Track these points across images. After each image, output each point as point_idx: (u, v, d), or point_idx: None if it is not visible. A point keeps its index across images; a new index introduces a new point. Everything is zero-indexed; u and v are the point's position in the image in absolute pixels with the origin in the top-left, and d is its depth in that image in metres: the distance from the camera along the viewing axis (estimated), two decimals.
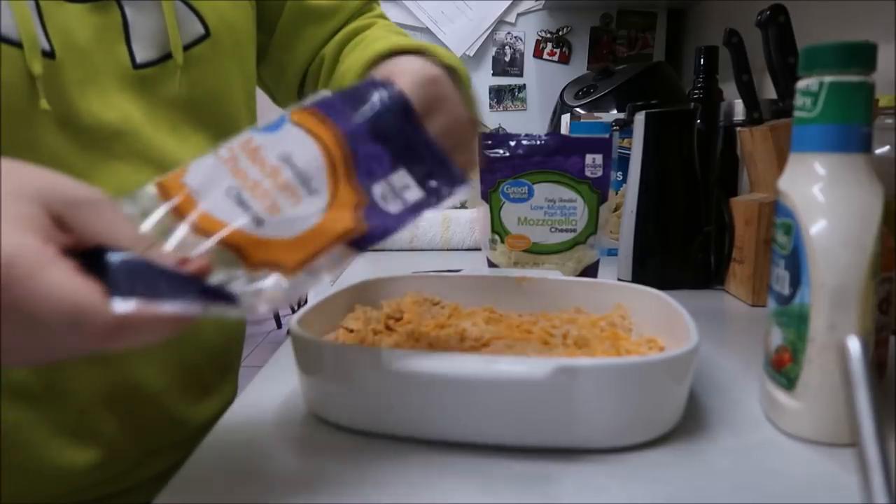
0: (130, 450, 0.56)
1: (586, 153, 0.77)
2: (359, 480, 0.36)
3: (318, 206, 0.34)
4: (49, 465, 0.51)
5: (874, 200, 0.39)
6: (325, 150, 0.35)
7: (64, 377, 0.51)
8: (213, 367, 0.63)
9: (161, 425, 0.58)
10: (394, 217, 0.35)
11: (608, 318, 0.54)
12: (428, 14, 1.67)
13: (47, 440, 0.51)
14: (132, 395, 0.54)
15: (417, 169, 0.36)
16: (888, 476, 0.28)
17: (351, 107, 0.38)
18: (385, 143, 0.36)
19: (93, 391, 0.52)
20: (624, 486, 0.36)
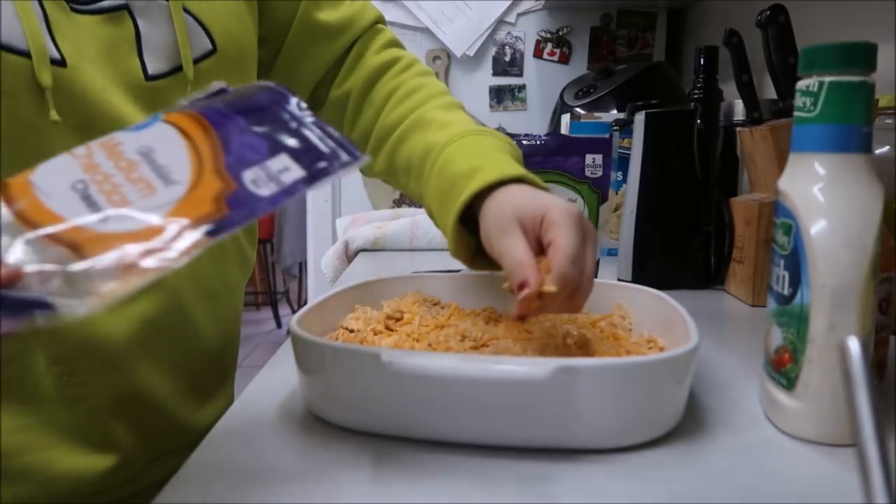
0: (138, 455, 0.56)
1: (586, 153, 0.77)
2: (359, 480, 0.36)
3: (173, 196, 0.32)
4: (58, 470, 0.51)
5: (874, 200, 0.39)
6: (192, 144, 0.35)
7: (75, 382, 0.51)
8: (214, 371, 0.63)
9: (167, 430, 0.58)
10: (265, 199, 0.33)
11: (608, 318, 0.54)
12: (428, 14, 1.67)
13: (56, 444, 0.51)
14: (140, 401, 0.55)
15: (303, 152, 0.36)
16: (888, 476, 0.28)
17: (229, 104, 0.37)
18: (264, 133, 0.36)
19: (102, 396, 0.52)
20: (624, 486, 0.36)
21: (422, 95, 0.66)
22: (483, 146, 0.57)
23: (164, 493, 0.35)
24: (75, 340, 0.50)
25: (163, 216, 0.31)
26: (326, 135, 0.36)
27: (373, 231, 1.16)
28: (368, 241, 1.16)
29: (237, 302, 0.66)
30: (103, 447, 0.53)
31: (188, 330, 0.58)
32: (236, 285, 0.64)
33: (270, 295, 4.12)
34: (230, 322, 0.64)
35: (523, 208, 0.49)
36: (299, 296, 4.14)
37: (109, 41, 0.51)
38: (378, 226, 1.18)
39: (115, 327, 0.52)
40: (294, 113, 0.37)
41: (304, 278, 3.93)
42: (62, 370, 0.50)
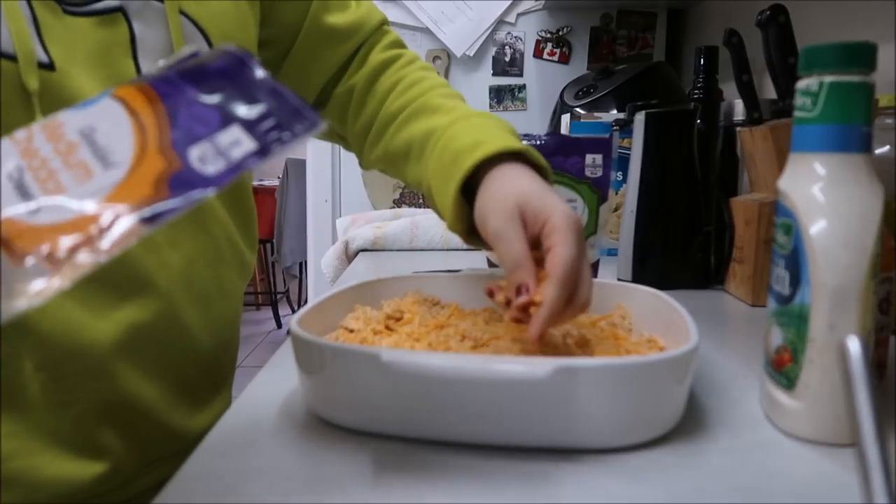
0: (129, 461, 0.55)
1: (586, 153, 0.77)
2: (359, 480, 0.36)
3: (111, 180, 0.30)
4: (45, 476, 0.50)
5: (874, 200, 0.39)
6: (138, 122, 0.32)
7: (61, 388, 0.51)
8: (209, 377, 0.62)
9: (159, 437, 0.57)
10: (211, 178, 0.31)
11: (608, 318, 0.54)
12: (428, 14, 1.67)
13: (43, 450, 0.50)
14: (129, 407, 0.54)
15: (257, 122, 0.33)
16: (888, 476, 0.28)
17: (183, 72, 0.35)
18: (217, 103, 0.33)
19: (89, 402, 0.52)
20: (624, 486, 0.36)
21: (423, 86, 0.67)
22: (485, 125, 0.58)
23: (164, 492, 0.35)
24: (60, 346, 0.50)
25: (98, 203, 0.29)
26: (284, 102, 0.34)
27: (373, 231, 1.16)
28: (368, 241, 1.16)
29: (234, 307, 0.64)
30: (92, 453, 0.53)
31: (180, 336, 0.57)
32: (233, 290, 0.63)
33: (270, 295, 4.13)
34: (227, 328, 0.63)
35: (528, 201, 0.48)
36: (299, 296, 4.15)
37: (103, 44, 0.50)
38: (378, 226, 1.18)
39: (101, 333, 0.51)
40: (252, 79, 0.35)
41: (304, 278, 3.93)
42: (48, 376, 0.50)
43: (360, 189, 1.44)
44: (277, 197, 3.77)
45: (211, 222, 0.59)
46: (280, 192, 3.73)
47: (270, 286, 4.12)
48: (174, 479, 0.37)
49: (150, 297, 0.54)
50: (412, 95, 0.66)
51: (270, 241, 3.91)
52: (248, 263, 0.66)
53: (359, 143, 0.72)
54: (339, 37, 0.69)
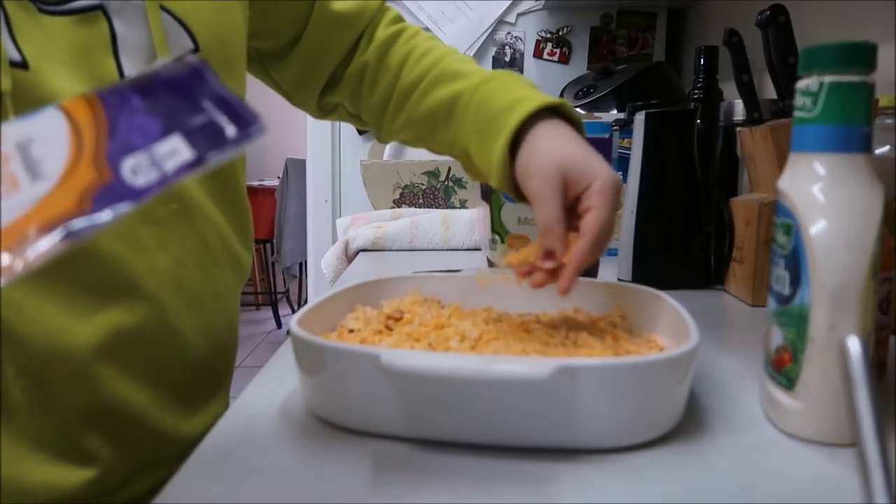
0: (118, 467, 0.55)
1: None
2: (359, 480, 0.36)
3: (36, 193, 0.29)
4: (30, 482, 0.50)
5: (874, 200, 0.39)
6: (77, 134, 0.31)
7: (43, 394, 0.50)
8: (201, 383, 0.62)
9: (149, 442, 0.56)
10: (139, 190, 0.30)
11: (608, 318, 0.54)
12: (428, 14, 1.67)
13: (28, 456, 0.50)
14: (115, 412, 0.53)
15: (200, 130, 0.33)
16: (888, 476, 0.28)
17: (135, 82, 0.34)
18: (162, 112, 0.33)
19: (73, 408, 0.51)
20: (624, 486, 0.36)
21: (436, 54, 0.69)
22: (515, 83, 0.60)
23: (165, 493, 0.35)
24: (42, 351, 0.49)
25: (14, 218, 0.28)
26: (230, 109, 0.33)
27: (373, 231, 1.16)
28: (368, 241, 1.16)
29: (229, 310, 0.63)
30: (79, 459, 0.52)
31: (170, 340, 0.56)
32: (228, 292, 0.62)
33: (270, 295, 4.12)
34: (222, 331, 0.62)
35: (572, 164, 0.51)
36: (299, 296, 4.15)
37: (82, 43, 0.49)
38: (378, 226, 1.18)
39: (83, 337, 0.50)
40: (203, 89, 0.34)
41: (304, 278, 3.93)
42: (30, 381, 0.49)
43: (360, 189, 1.44)
44: (277, 197, 3.77)
45: (201, 222, 0.58)
46: (280, 192, 3.73)
47: (270, 286, 4.12)
48: (174, 480, 0.37)
49: (138, 300, 0.53)
50: (428, 64, 0.68)
51: (270, 241, 3.92)
52: (243, 264, 0.65)
53: (376, 116, 0.73)
54: (346, 22, 0.71)
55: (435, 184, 1.40)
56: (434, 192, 1.40)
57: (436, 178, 1.40)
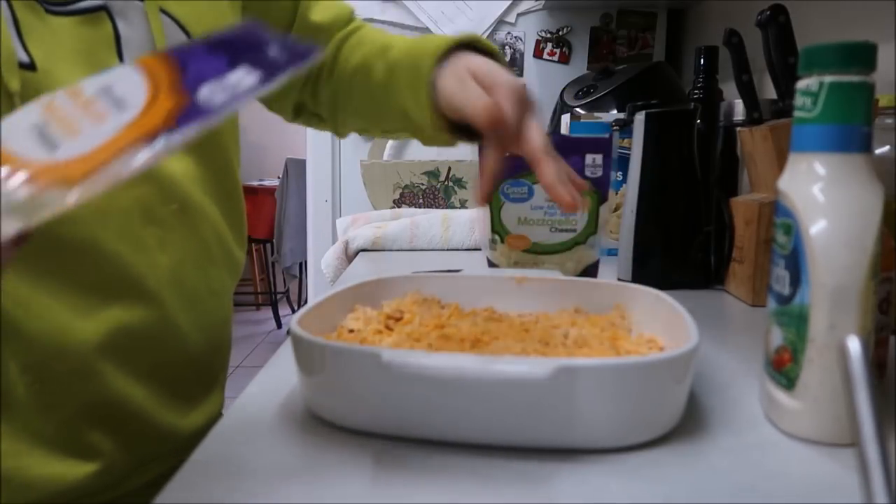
0: (119, 461, 0.55)
1: (586, 153, 0.77)
2: (359, 480, 0.36)
3: (123, 119, 0.33)
4: (33, 476, 0.50)
5: (874, 200, 0.39)
6: (151, 75, 0.35)
7: (46, 390, 0.50)
8: (199, 379, 0.63)
9: (149, 437, 0.57)
10: (217, 107, 0.34)
11: (608, 318, 0.54)
12: (428, 14, 1.67)
13: (30, 451, 0.50)
14: (116, 408, 0.54)
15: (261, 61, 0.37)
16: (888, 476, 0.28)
17: (193, 42, 0.39)
18: (225, 54, 0.37)
19: (76, 404, 0.52)
20: (624, 485, 0.36)
21: (377, 36, 0.74)
22: (441, 37, 0.64)
23: (164, 493, 0.35)
24: (45, 347, 0.49)
25: (110, 136, 0.32)
26: (287, 43, 0.38)
27: (373, 231, 1.16)
28: (368, 241, 1.16)
29: (225, 307, 0.65)
30: (81, 454, 0.52)
31: (170, 337, 0.57)
32: (223, 290, 0.63)
33: (270, 295, 4.12)
34: (218, 328, 0.63)
35: (477, 71, 0.58)
36: (299, 296, 4.14)
37: (88, 42, 0.50)
38: (378, 226, 1.18)
39: (86, 334, 0.51)
40: (260, 34, 0.39)
41: (304, 278, 3.92)
42: (33, 378, 0.50)
43: (360, 189, 1.44)
44: (277, 197, 3.77)
45: (201, 223, 0.59)
46: (280, 191, 3.73)
47: (270, 286, 4.12)
48: (174, 480, 0.37)
49: (139, 298, 0.54)
50: (367, 46, 0.71)
51: (270, 241, 3.91)
52: (237, 263, 0.66)
53: (331, 109, 0.77)
54: (323, 33, 0.74)
55: (435, 184, 1.40)
56: (434, 192, 1.40)
57: (436, 178, 1.40)
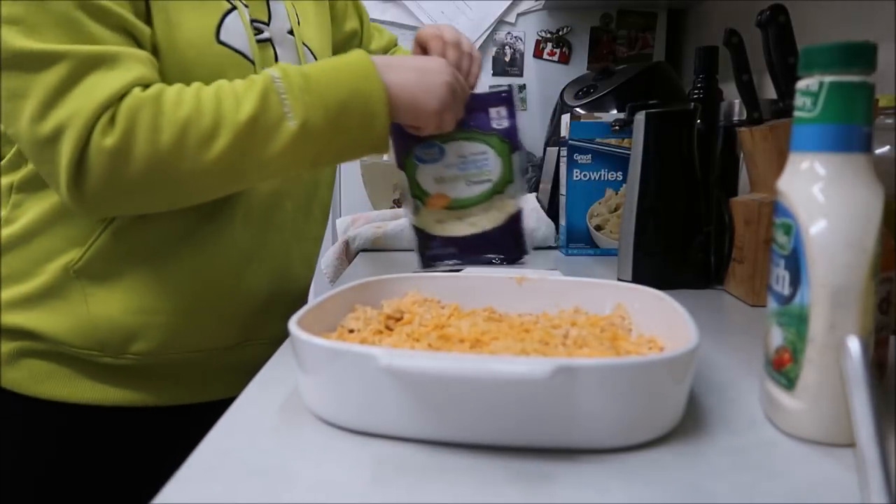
0: (231, 327, 0.76)
1: (489, 108, 0.79)
2: (359, 480, 0.36)
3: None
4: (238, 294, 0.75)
5: (874, 200, 0.39)
6: None
7: (258, 245, 0.76)
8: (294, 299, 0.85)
9: (255, 324, 0.78)
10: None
11: (608, 318, 0.54)
12: (428, 14, 1.67)
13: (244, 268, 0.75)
14: (287, 286, 0.81)
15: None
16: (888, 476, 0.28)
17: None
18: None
19: (275, 263, 0.79)
20: (624, 486, 0.36)
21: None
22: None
23: (164, 492, 0.35)
24: (262, 208, 0.75)
25: None
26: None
27: (373, 231, 1.16)
28: (368, 241, 1.16)
29: (317, 250, 0.91)
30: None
31: (286, 260, 0.81)
32: (318, 238, 0.90)
33: None
34: (312, 262, 0.90)
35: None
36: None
37: (261, 61, 0.72)
38: (378, 226, 1.18)
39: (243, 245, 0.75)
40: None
41: None
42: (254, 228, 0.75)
43: (360, 189, 1.44)
44: None
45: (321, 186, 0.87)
46: None
47: None
48: (174, 479, 0.37)
49: (273, 233, 0.79)
50: None
51: None
52: (327, 218, 0.92)
53: None
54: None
55: None
56: None
57: None
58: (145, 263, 0.69)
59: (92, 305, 0.68)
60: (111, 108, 0.59)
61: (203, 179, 0.63)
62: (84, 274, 0.68)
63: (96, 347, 0.69)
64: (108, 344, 0.69)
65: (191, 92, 0.62)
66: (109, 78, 0.59)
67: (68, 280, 0.68)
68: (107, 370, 0.70)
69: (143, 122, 0.59)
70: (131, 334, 0.69)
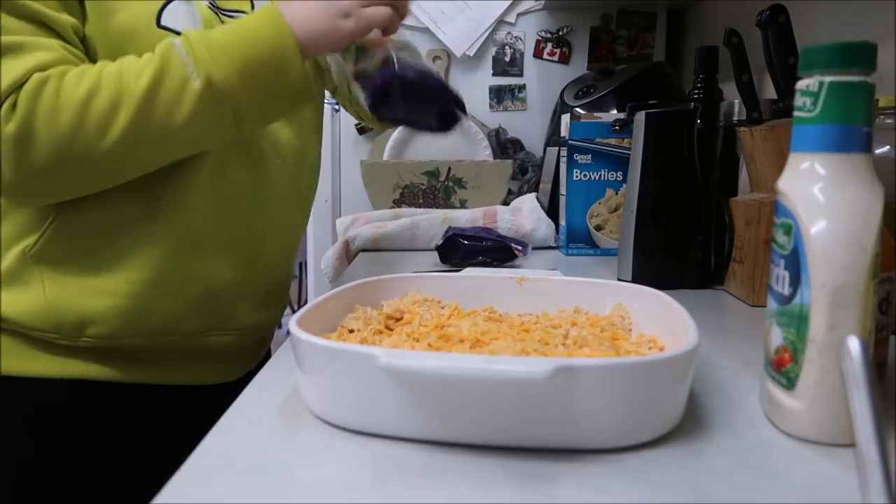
0: (197, 315, 0.75)
1: None
2: (359, 480, 0.36)
3: None
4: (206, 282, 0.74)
5: (874, 200, 0.39)
6: None
7: (250, 222, 0.77)
8: (270, 289, 0.84)
9: (223, 310, 0.77)
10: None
11: (608, 318, 0.54)
12: (428, 14, 1.67)
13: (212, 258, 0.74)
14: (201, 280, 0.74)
15: None
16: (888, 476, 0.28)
17: None
18: None
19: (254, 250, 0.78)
20: (624, 486, 0.36)
21: None
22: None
23: (164, 492, 0.35)
24: (227, 193, 0.74)
25: None
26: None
27: (373, 231, 1.16)
28: (368, 241, 1.16)
29: (297, 243, 0.89)
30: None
31: (258, 247, 0.79)
32: (299, 233, 0.89)
33: None
34: (290, 255, 0.88)
35: None
36: (299, 296, 4.14)
37: None
38: (378, 226, 1.18)
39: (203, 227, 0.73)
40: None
41: (304, 278, 3.92)
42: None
43: (360, 189, 1.44)
44: None
45: (301, 172, 0.86)
46: None
47: None
48: (174, 479, 0.37)
49: (244, 217, 0.78)
50: None
51: None
52: (308, 214, 0.91)
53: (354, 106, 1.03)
54: None
55: (435, 184, 1.40)
56: (434, 192, 1.40)
57: (436, 178, 1.40)
58: (99, 246, 0.68)
59: (49, 289, 0.68)
60: (13, 95, 0.58)
61: (115, 156, 0.61)
62: (41, 258, 0.67)
63: (51, 330, 0.68)
64: (62, 327, 0.68)
65: (94, 70, 0.61)
66: (13, 66, 0.59)
67: (26, 265, 0.68)
68: (66, 349, 0.70)
69: (42, 105, 0.58)
70: (87, 318, 0.68)
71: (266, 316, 0.84)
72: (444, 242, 0.97)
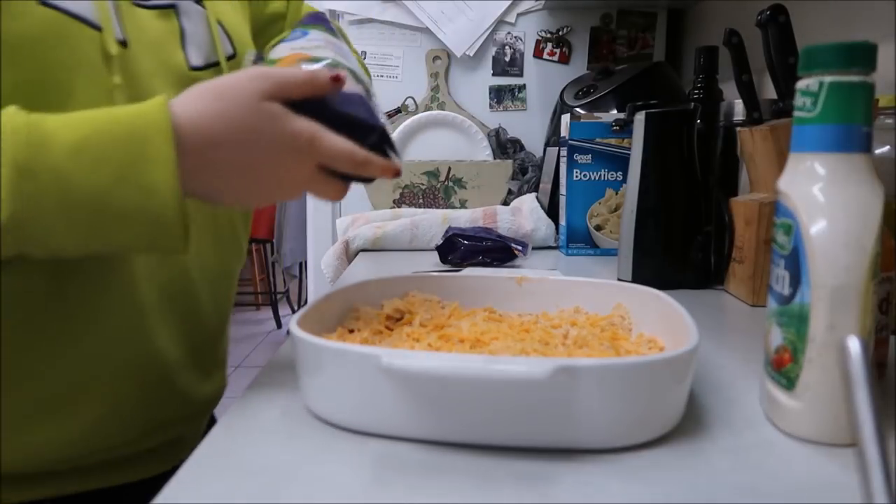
0: (138, 417, 0.59)
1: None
2: (359, 480, 0.36)
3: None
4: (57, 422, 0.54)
5: (874, 200, 0.39)
6: None
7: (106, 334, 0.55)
8: (212, 350, 0.68)
9: (170, 398, 0.62)
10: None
11: (608, 318, 0.54)
12: (428, 14, 1.67)
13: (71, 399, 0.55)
14: (150, 365, 0.59)
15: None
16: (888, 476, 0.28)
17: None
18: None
19: (114, 358, 0.56)
20: (624, 486, 0.36)
21: None
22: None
23: (164, 493, 0.35)
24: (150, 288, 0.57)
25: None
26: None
27: (373, 231, 1.16)
28: (368, 241, 1.16)
29: (232, 288, 0.72)
30: (103, 404, 0.56)
31: (194, 304, 0.63)
32: (232, 272, 0.71)
33: (270, 295, 4.12)
34: (226, 304, 0.70)
35: None
36: (299, 296, 4.14)
37: (160, 33, 0.59)
38: (378, 226, 1.18)
39: (145, 296, 0.57)
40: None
41: (304, 278, 3.92)
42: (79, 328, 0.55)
43: (360, 189, 1.44)
44: None
45: (219, 213, 0.66)
46: None
47: (270, 286, 4.12)
48: (174, 479, 0.37)
49: (171, 268, 0.60)
50: None
51: (270, 242, 3.91)
52: (242, 247, 0.73)
53: None
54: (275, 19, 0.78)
55: (435, 184, 1.40)
56: (434, 192, 1.40)
57: (436, 178, 1.40)
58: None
59: None
60: None
61: None
62: None
63: None
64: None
65: None
66: None
67: None
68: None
69: None
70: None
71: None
72: (444, 242, 0.97)
